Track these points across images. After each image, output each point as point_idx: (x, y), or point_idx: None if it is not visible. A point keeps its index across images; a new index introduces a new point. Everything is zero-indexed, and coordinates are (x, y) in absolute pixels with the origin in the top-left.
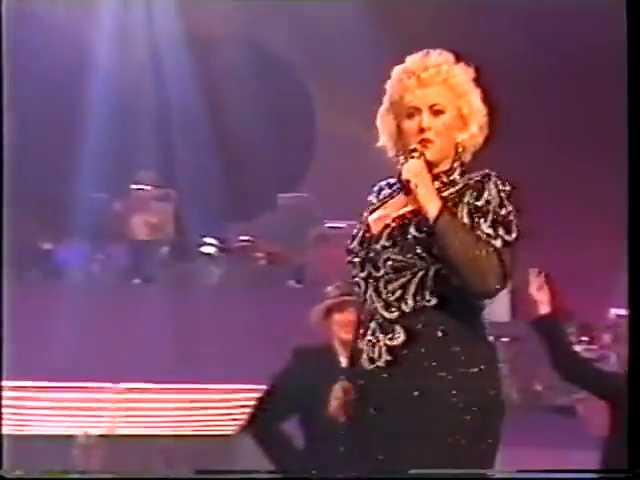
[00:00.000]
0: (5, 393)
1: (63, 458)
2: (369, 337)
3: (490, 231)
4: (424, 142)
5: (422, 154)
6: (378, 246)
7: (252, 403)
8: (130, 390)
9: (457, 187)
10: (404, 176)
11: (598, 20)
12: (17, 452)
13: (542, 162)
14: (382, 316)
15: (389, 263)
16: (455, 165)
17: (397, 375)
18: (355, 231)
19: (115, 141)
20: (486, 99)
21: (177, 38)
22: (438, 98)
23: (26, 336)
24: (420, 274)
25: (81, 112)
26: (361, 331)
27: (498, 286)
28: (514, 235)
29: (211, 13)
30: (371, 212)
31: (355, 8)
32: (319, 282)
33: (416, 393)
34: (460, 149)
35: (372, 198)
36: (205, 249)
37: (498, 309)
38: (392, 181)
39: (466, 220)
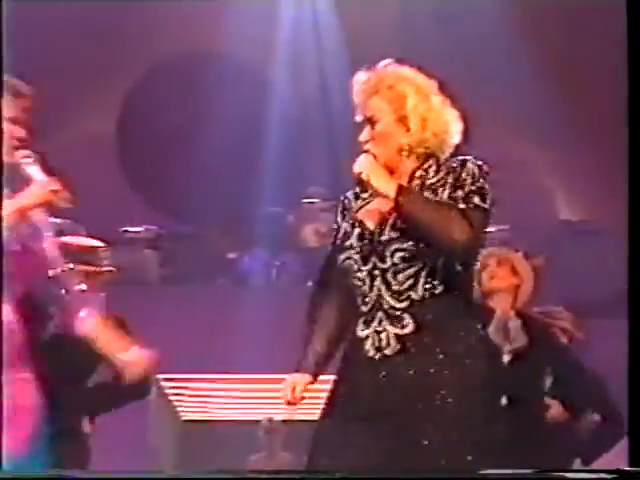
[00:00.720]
0: (199, 384)
1: (249, 440)
2: (375, 326)
3: (461, 197)
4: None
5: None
6: (383, 238)
7: None
8: None
9: (439, 175)
10: (355, 169)
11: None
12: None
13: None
14: (391, 306)
15: (398, 254)
16: (428, 161)
17: (408, 362)
18: (343, 230)
19: (289, 161)
20: (445, 93)
21: (342, 61)
22: (371, 110)
23: (218, 334)
24: (431, 263)
25: (260, 136)
26: (362, 319)
27: (463, 239)
28: (488, 203)
29: (372, 36)
30: (356, 210)
31: (506, 23)
32: None
33: (424, 377)
34: (407, 147)
35: (351, 200)
36: None
37: None
38: None
39: (446, 196)
